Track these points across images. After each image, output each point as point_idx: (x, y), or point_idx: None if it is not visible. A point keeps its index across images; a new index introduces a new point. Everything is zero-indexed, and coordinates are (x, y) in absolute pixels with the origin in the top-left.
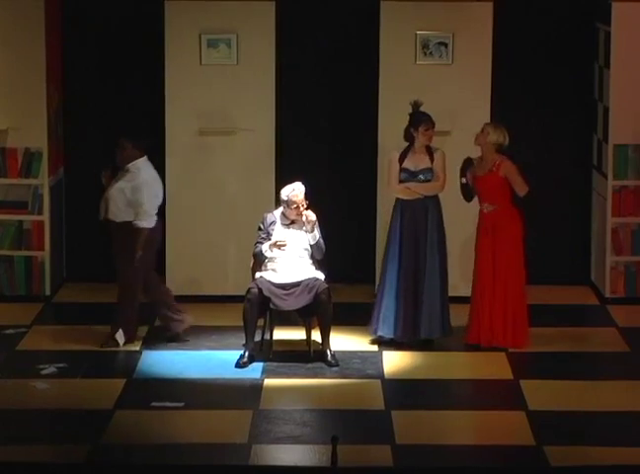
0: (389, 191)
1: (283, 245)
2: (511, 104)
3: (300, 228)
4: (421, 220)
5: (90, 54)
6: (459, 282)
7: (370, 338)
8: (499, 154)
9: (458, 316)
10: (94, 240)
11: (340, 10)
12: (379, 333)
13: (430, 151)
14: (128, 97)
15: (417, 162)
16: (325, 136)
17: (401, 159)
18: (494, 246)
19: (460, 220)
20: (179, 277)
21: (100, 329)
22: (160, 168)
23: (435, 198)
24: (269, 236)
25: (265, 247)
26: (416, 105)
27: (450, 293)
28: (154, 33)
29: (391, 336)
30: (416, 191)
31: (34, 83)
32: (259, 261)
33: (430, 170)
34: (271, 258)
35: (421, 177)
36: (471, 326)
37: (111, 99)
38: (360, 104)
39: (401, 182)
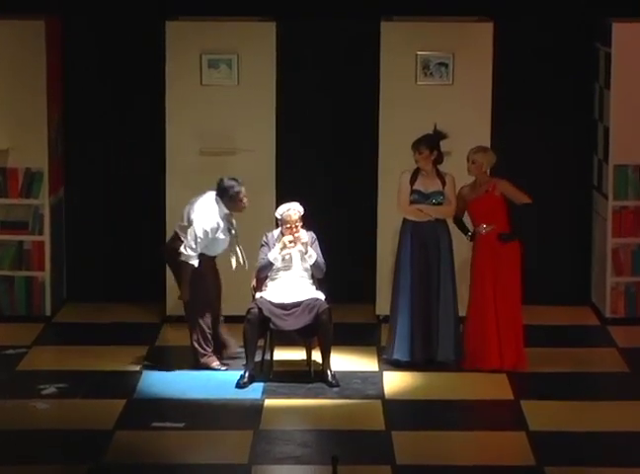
0: (400, 211)
1: (294, 241)
2: (511, 124)
3: (298, 248)
4: (432, 243)
5: (91, 74)
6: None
7: (384, 360)
8: (491, 176)
9: None
10: (95, 260)
11: (341, 30)
12: (395, 356)
13: (440, 174)
14: (129, 117)
15: (428, 184)
16: (326, 156)
17: (412, 180)
18: (494, 267)
19: (466, 242)
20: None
21: (100, 349)
22: (161, 188)
23: (444, 222)
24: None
25: (273, 254)
26: (433, 131)
27: None
28: (155, 53)
29: (407, 359)
30: (428, 213)
31: (34, 103)
32: (263, 274)
33: (441, 193)
34: (271, 278)
35: (433, 200)
36: (471, 350)
37: (111, 119)
38: (360, 124)
39: (412, 203)
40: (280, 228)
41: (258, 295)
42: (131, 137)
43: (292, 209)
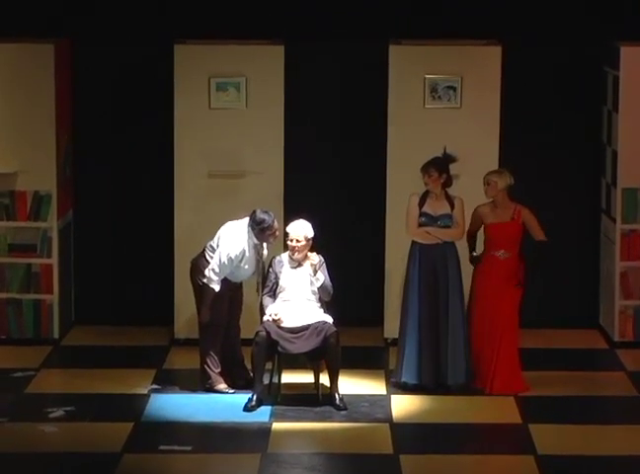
0: (408, 234)
1: (278, 320)
2: (519, 147)
3: (306, 270)
4: (440, 266)
5: (99, 97)
6: None
7: (392, 383)
8: (514, 201)
9: None
10: (103, 283)
11: (349, 54)
12: (403, 379)
13: (449, 197)
14: (138, 140)
15: (436, 207)
16: (334, 179)
17: (421, 203)
18: (497, 292)
19: (465, 264)
20: (187, 320)
21: (108, 372)
22: (169, 211)
23: (453, 244)
24: (277, 279)
25: (268, 311)
26: (443, 155)
27: None
28: (164, 76)
29: (415, 382)
30: (435, 236)
31: (43, 126)
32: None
33: (449, 216)
34: (280, 298)
35: (441, 222)
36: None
37: (120, 142)
38: (369, 147)
39: (420, 226)
40: (288, 251)
41: (266, 318)
42: (140, 160)
43: (298, 226)
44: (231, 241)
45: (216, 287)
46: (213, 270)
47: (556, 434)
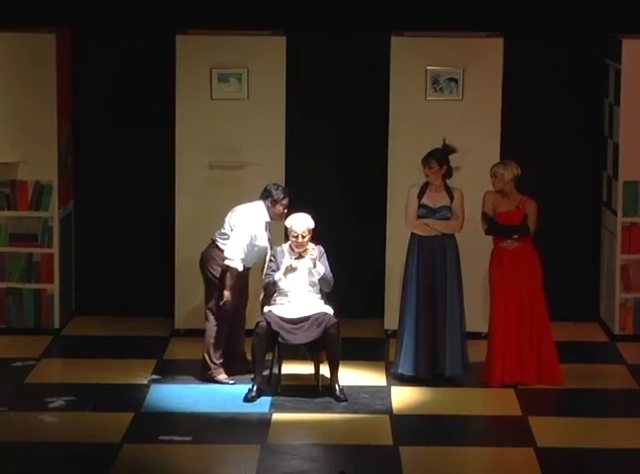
0: (407, 226)
1: (294, 269)
2: (520, 140)
3: (307, 261)
4: (439, 258)
5: (100, 87)
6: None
7: (392, 375)
8: (522, 193)
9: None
10: (103, 273)
11: (351, 45)
12: (400, 370)
13: (449, 189)
14: (139, 130)
15: (436, 199)
16: (335, 171)
17: (420, 195)
18: (519, 282)
19: (474, 257)
20: (188, 311)
21: (109, 362)
22: (170, 202)
23: (452, 237)
24: (278, 269)
25: (277, 276)
26: (443, 146)
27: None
28: (165, 66)
29: (412, 373)
30: (434, 227)
31: (44, 116)
32: (269, 292)
33: (448, 208)
34: (279, 291)
35: (439, 215)
36: (494, 366)
37: (121, 132)
38: (370, 139)
39: (419, 217)
40: (289, 242)
41: (266, 309)
42: (141, 151)
43: (300, 220)
44: (247, 220)
45: (240, 267)
46: (236, 248)
47: (556, 426)
